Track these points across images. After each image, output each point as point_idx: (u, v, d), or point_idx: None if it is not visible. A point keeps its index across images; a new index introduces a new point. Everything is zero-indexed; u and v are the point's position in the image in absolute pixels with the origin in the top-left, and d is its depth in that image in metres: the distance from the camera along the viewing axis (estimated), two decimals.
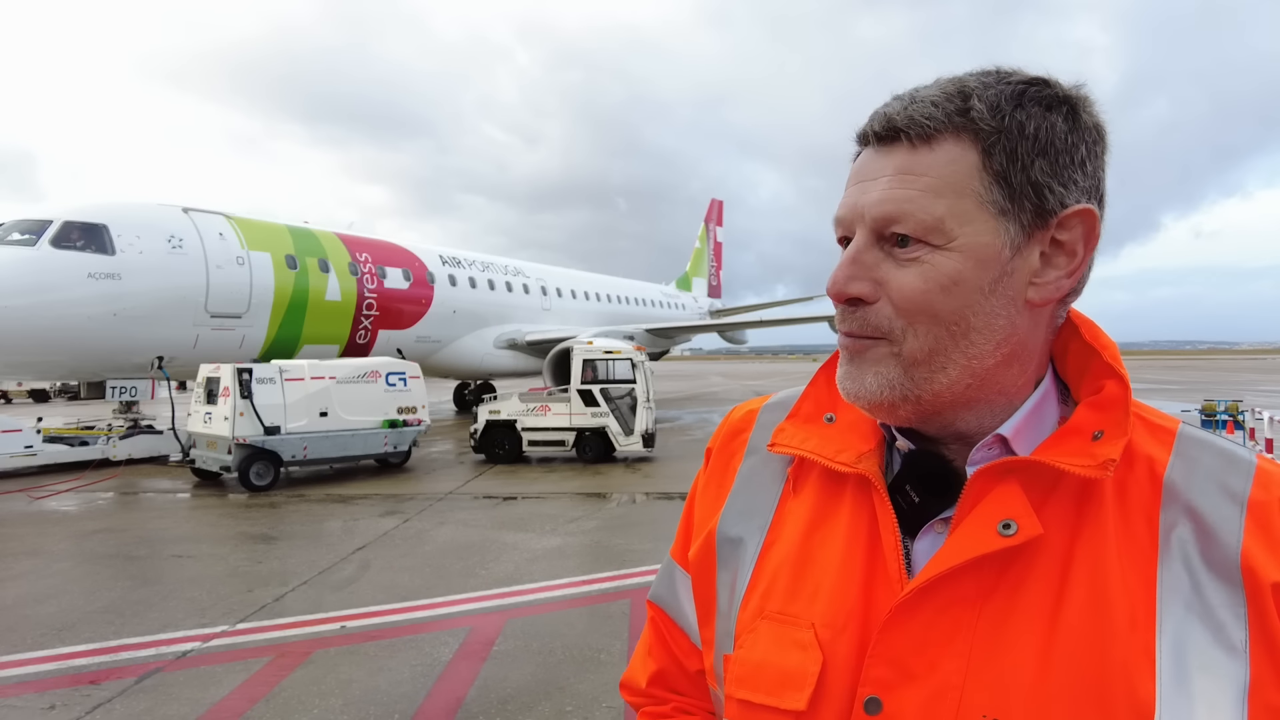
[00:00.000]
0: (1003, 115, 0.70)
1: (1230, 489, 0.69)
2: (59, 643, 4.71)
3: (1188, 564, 0.67)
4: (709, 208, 39.07)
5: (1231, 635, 0.64)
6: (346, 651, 4.58)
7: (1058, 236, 0.72)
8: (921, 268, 0.71)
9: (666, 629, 0.97)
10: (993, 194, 0.70)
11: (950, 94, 0.72)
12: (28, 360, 11.57)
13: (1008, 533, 0.68)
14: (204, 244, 12.90)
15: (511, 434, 12.32)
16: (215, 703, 3.90)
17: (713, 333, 30.02)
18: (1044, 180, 0.71)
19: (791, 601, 0.78)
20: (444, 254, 18.75)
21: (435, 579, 6.01)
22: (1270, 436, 8.79)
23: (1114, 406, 0.72)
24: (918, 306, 0.71)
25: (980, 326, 0.71)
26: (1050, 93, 0.72)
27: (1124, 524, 0.70)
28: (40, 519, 8.53)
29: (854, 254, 0.74)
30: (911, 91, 0.75)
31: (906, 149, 0.72)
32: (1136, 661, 0.64)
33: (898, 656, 0.70)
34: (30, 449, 11.70)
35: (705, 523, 0.92)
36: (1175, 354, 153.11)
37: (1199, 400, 12.83)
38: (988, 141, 0.70)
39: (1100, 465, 0.69)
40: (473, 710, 3.81)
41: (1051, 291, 0.74)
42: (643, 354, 12.76)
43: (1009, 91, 0.72)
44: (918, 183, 0.71)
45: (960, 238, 0.70)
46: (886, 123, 0.73)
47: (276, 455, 10.27)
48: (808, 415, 0.87)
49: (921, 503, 0.76)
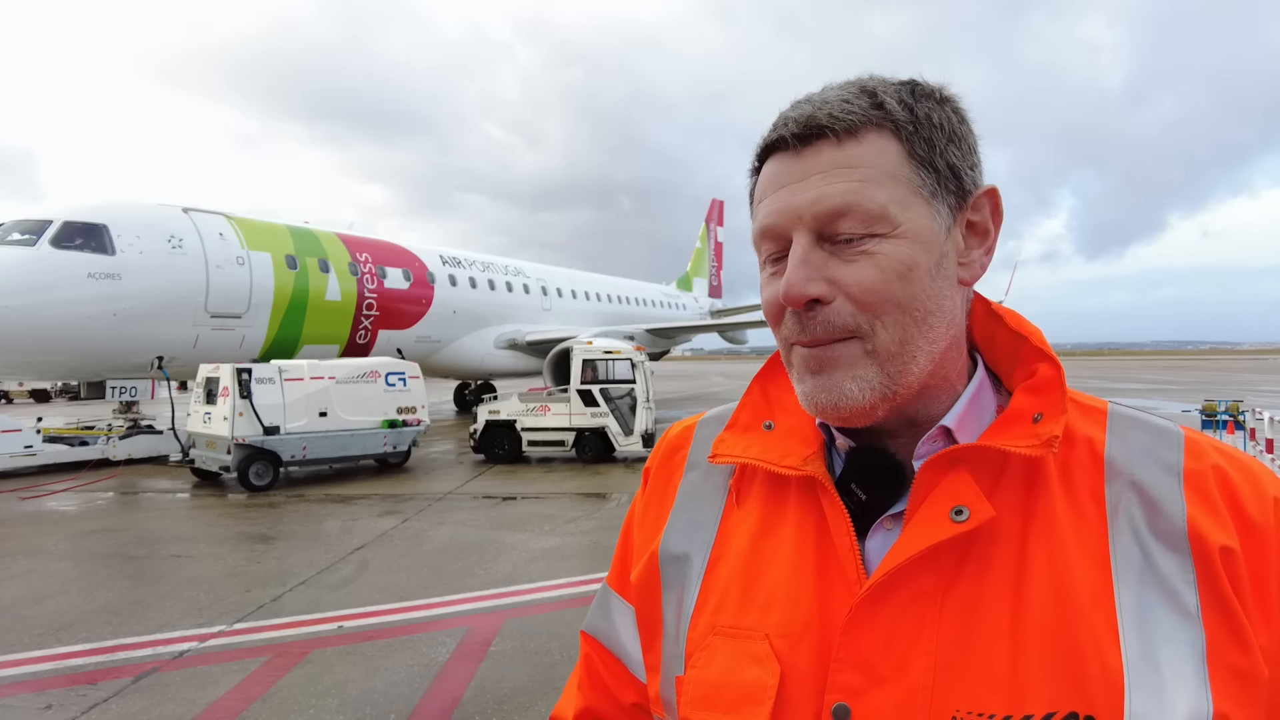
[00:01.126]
0: (910, 107, 0.73)
1: (1165, 462, 0.71)
2: (56, 642, 4.71)
3: (1137, 536, 0.68)
4: (710, 207, 39.10)
5: (1185, 601, 0.65)
6: (343, 651, 4.58)
7: (971, 217, 0.76)
8: (874, 259, 0.70)
9: (601, 661, 0.93)
10: (921, 179, 0.72)
11: (855, 93, 0.73)
12: (28, 360, 11.58)
13: (960, 519, 0.68)
14: (204, 244, 12.91)
15: (511, 434, 12.33)
16: (212, 702, 3.90)
17: (713, 333, 30.03)
18: (958, 163, 0.74)
19: (744, 614, 0.76)
20: (444, 254, 18.77)
21: (433, 579, 6.02)
22: (1271, 437, 8.78)
23: (1049, 388, 0.73)
24: (880, 297, 0.70)
25: (934, 310, 0.72)
26: (932, 89, 0.75)
27: (1072, 503, 0.71)
28: (39, 519, 8.54)
29: (803, 255, 0.72)
30: (813, 96, 0.75)
31: (832, 145, 0.72)
32: (1102, 635, 0.64)
33: (863, 659, 0.69)
34: (30, 449, 11.72)
35: (646, 545, 0.89)
36: (1176, 354, 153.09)
37: (1199, 400, 12.83)
38: (907, 131, 0.72)
39: (1044, 444, 0.69)
40: (469, 710, 3.81)
41: (977, 270, 0.76)
42: (642, 354, 12.76)
43: (904, 89, 0.74)
44: (854, 174, 0.71)
45: (904, 223, 0.71)
46: (806, 123, 0.72)
47: (276, 455, 10.28)
48: (746, 424, 0.86)
49: (869, 500, 0.75)
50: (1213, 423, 11.15)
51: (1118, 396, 24.79)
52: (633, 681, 0.90)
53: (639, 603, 0.88)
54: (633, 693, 0.91)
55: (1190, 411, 12.97)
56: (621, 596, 0.93)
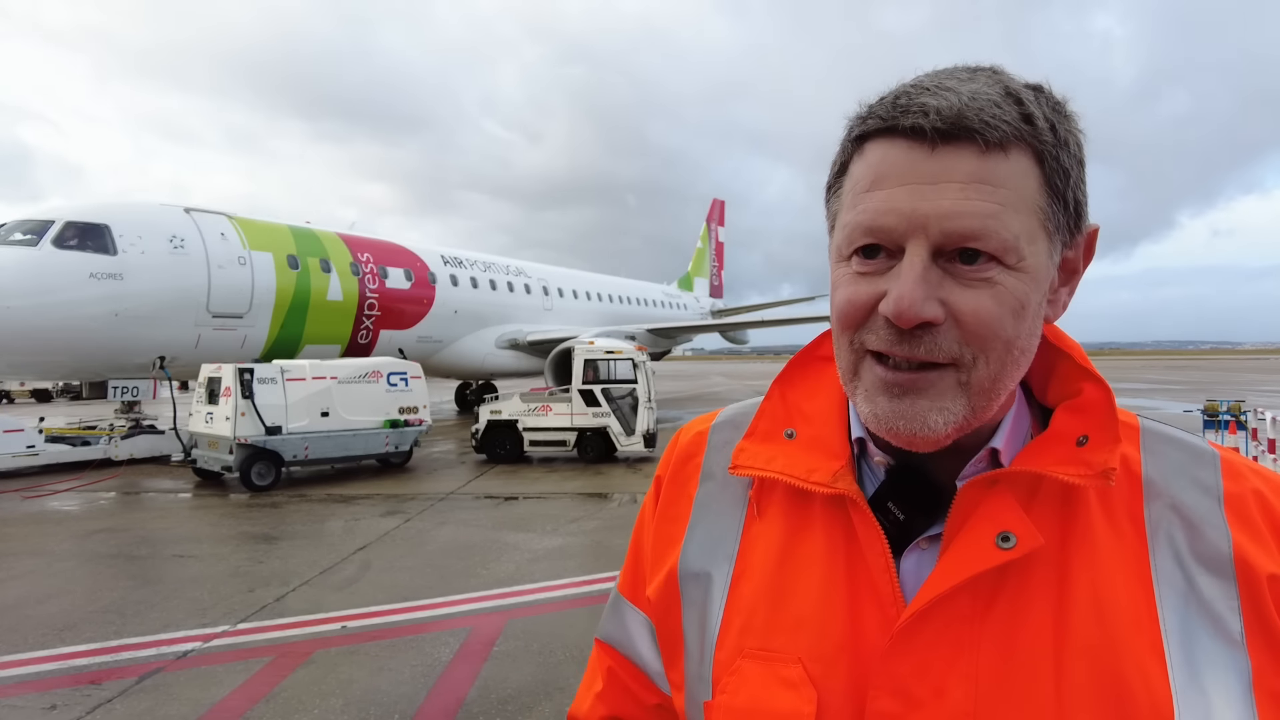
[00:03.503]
0: (1055, 128, 0.65)
1: (1203, 483, 0.69)
2: (60, 642, 4.71)
3: (1179, 559, 0.66)
4: (711, 207, 39.10)
5: (1230, 627, 0.64)
6: (347, 651, 4.58)
7: (1067, 254, 0.70)
8: (994, 290, 0.64)
9: (621, 669, 0.91)
10: (1052, 212, 0.66)
11: (1003, 96, 0.64)
12: (30, 360, 11.59)
13: (1006, 546, 0.66)
14: (206, 244, 12.91)
15: (513, 434, 12.33)
16: (216, 703, 3.90)
17: (714, 333, 30.03)
18: (1084, 199, 0.68)
19: (772, 635, 0.73)
20: (445, 254, 18.77)
21: (436, 579, 6.01)
22: (1273, 437, 8.77)
23: (1097, 410, 0.70)
24: (992, 332, 0.64)
25: (1028, 348, 0.68)
26: (1060, 101, 0.67)
27: (1110, 524, 0.68)
28: (42, 519, 8.54)
29: (923, 271, 0.64)
30: (956, 85, 0.65)
31: (976, 153, 0.63)
32: (1147, 660, 0.63)
33: (901, 685, 0.67)
34: (32, 449, 11.72)
35: (663, 559, 0.85)
36: (1178, 354, 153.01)
37: (1201, 400, 12.80)
38: (1051, 156, 0.65)
39: (1099, 475, 0.67)
40: (473, 710, 3.81)
41: (1060, 309, 0.72)
42: (644, 354, 12.76)
43: (1049, 101, 0.66)
44: (996, 195, 0.63)
45: (1028, 258, 0.65)
46: (956, 119, 0.63)
47: (278, 455, 10.28)
48: (766, 433, 0.82)
49: (905, 520, 0.72)
50: (1214, 423, 11.13)
51: (1121, 397, 25.28)
52: (654, 687, 0.89)
53: (658, 619, 0.85)
54: (654, 695, 0.89)
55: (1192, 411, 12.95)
56: (635, 606, 0.91)
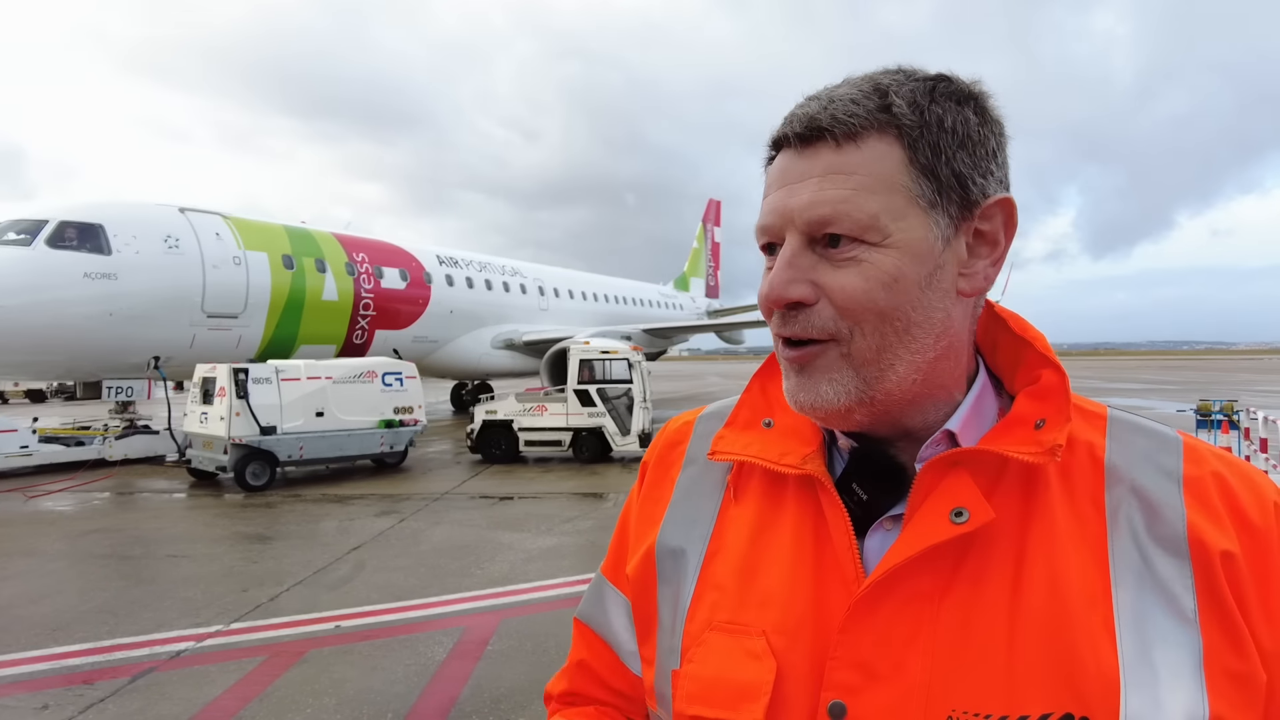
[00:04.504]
0: (921, 110, 0.71)
1: (1165, 467, 0.72)
2: (53, 642, 4.71)
3: (1136, 540, 0.69)
4: (706, 208, 39.13)
5: (1183, 605, 0.66)
6: (341, 651, 4.58)
7: (980, 227, 0.74)
8: (860, 267, 0.70)
9: (590, 647, 0.95)
10: (921, 188, 0.70)
11: (867, 92, 0.72)
12: (24, 360, 11.56)
13: (960, 520, 0.69)
14: (200, 244, 12.89)
15: (508, 434, 12.33)
16: (208, 702, 3.90)
17: (710, 333, 30.04)
18: (966, 172, 0.72)
19: (741, 610, 0.77)
20: (441, 254, 18.76)
21: (430, 579, 6.02)
22: (1265, 436, 8.80)
23: (1053, 395, 0.74)
24: (862, 306, 0.71)
25: (920, 321, 0.72)
26: (957, 88, 0.73)
27: (1071, 507, 0.71)
28: (35, 519, 8.52)
29: (789, 258, 0.72)
30: (826, 91, 0.74)
31: (831, 148, 0.71)
32: (1098, 636, 0.65)
33: (861, 658, 0.69)
34: (26, 449, 11.68)
35: (643, 538, 0.90)
36: (1172, 354, 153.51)
37: (1194, 400, 12.84)
38: (911, 136, 0.70)
39: (1047, 451, 0.70)
40: (466, 709, 3.82)
41: (980, 281, 0.75)
42: (639, 354, 12.78)
43: (921, 88, 0.72)
44: (849, 182, 0.70)
45: (895, 234, 0.70)
46: (809, 123, 0.72)
47: (273, 455, 10.27)
48: (746, 422, 0.87)
49: (869, 500, 0.76)
50: (1208, 422, 11.16)
51: (1114, 397, 24.63)
52: (621, 669, 0.92)
53: (635, 596, 0.88)
54: (619, 680, 0.92)
55: (1185, 411, 13.00)
56: (616, 587, 0.94)
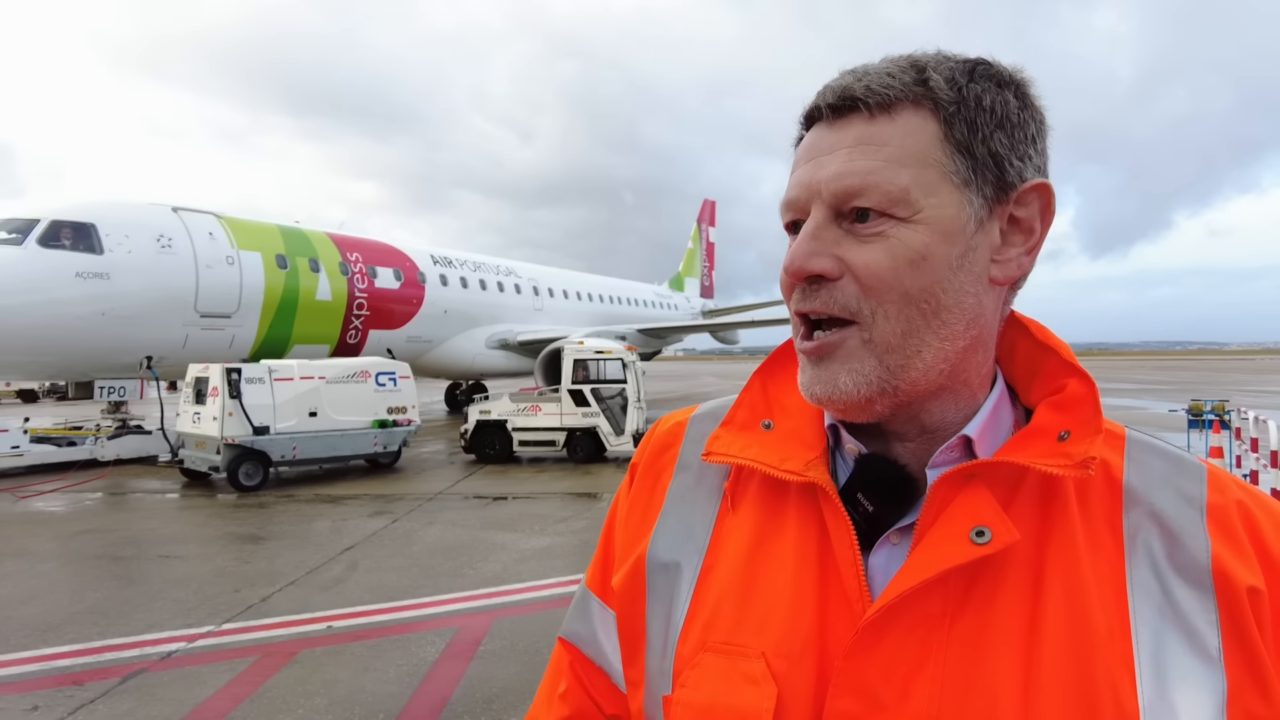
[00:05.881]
0: (959, 87, 0.68)
1: (1187, 493, 0.67)
2: (43, 643, 4.69)
3: (1156, 569, 0.64)
4: (701, 208, 39.15)
5: (1206, 642, 0.62)
6: (333, 651, 4.58)
7: (1015, 213, 0.71)
8: (887, 243, 0.67)
9: (583, 670, 0.88)
10: (955, 164, 0.67)
11: (904, 67, 0.69)
12: (15, 360, 11.50)
13: (981, 541, 0.64)
14: (193, 243, 12.85)
15: (502, 434, 12.32)
16: (200, 703, 3.89)
17: (705, 333, 30.08)
18: (1003, 152, 0.68)
19: (738, 630, 0.71)
20: (435, 254, 18.73)
21: (423, 579, 6.01)
22: (1256, 436, 8.84)
23: (1081, 405, 0.69)
24: (886, 284, 0.67)
25: (950, 305, 0.68)
26: (998, 71, 0.71)
27: (1088, 529, 0.67)
28: (27, 519, 8.48)
29: (814, 230, 0.68)
30: (862, 67, 0.72)
31: (864, 119, 0.68)
32: (1117, 673, 0.61)
33: (864, 685, 0.65)
34: (17, 449, 11.62)
35: (631, 548, 0.83)
36: (1166, 354, 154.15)
37: (1187, 400, 12.92)
38: (948, 112, 0.68)
39: (1078, 464, 0.65)
40: (458, 710, 3.82)
41: (1013, 269, 0.71)
42: (634, 354, 12.78)
43: (961, 67, 0.70)
44: (880, 153, 0.67)
45: (925, 210, 0.66)
46: (841, 94, 0.69)
47: (265, 455, 10.24)
48: (744, 423, 0.81)
49: (875, 511, 0.70)
50: (1199, 422, 11.21)
51: (1108, 397, 24.48)
52: (615, 692, 0.86)
53: (621, 610, 0.83)
54: (614, 703, 0.86)
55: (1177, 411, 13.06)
56: (602, 601, 0.88)
